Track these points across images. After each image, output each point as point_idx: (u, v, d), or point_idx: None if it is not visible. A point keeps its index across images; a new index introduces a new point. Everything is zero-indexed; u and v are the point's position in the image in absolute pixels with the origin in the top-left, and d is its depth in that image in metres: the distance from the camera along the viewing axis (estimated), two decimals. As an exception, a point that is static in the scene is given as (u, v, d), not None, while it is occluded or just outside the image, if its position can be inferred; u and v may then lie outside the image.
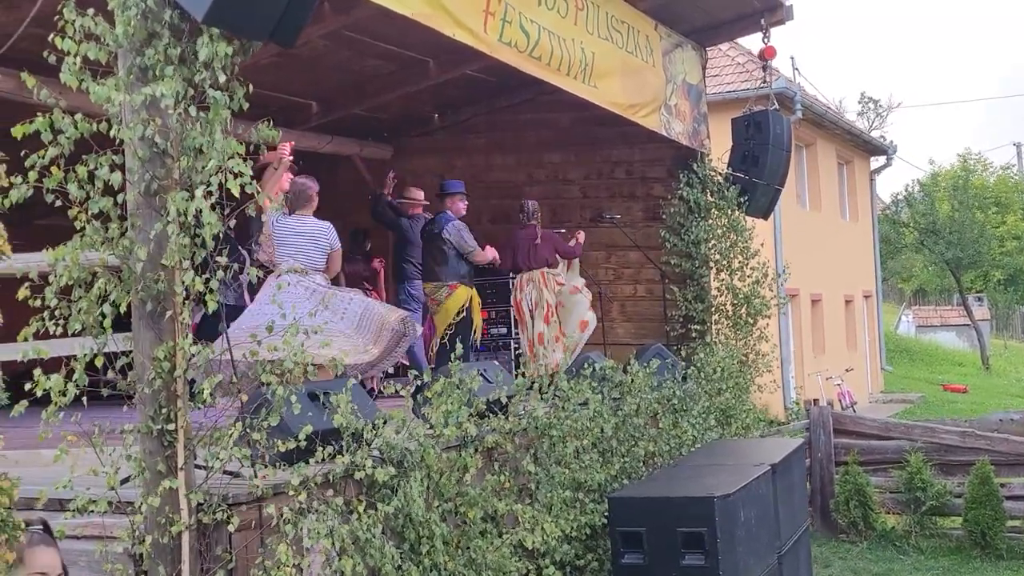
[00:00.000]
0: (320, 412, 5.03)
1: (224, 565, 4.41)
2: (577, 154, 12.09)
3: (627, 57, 9.17)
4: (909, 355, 32.80)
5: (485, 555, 5.76)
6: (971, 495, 10.39)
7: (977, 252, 33.54)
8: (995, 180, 44.32)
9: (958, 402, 24.39)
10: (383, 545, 4.99)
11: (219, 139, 4.26)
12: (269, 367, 4.59)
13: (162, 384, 4.34)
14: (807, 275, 19.81)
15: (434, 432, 5.79)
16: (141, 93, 4.25)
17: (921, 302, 47.37)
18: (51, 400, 4.23)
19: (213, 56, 4.23)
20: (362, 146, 12.40)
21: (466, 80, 11.21)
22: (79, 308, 4.32)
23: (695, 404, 9.33)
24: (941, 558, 10.38)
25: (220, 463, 4.44)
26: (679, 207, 11.10)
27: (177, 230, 4.28)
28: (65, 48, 4.24)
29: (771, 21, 11.02)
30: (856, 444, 11.37)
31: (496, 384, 6.67)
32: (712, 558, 6.27)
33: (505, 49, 7.24)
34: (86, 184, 4.28)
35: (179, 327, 4.38)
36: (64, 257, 4.28)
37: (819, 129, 21.57)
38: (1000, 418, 11.60)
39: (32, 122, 4.20)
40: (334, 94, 11.15)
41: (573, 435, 7.14)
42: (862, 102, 45.27)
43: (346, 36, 9.44)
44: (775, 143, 10.94)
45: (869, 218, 26.65)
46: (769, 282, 11.10)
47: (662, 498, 6.70)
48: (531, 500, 6.61)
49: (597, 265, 11.79)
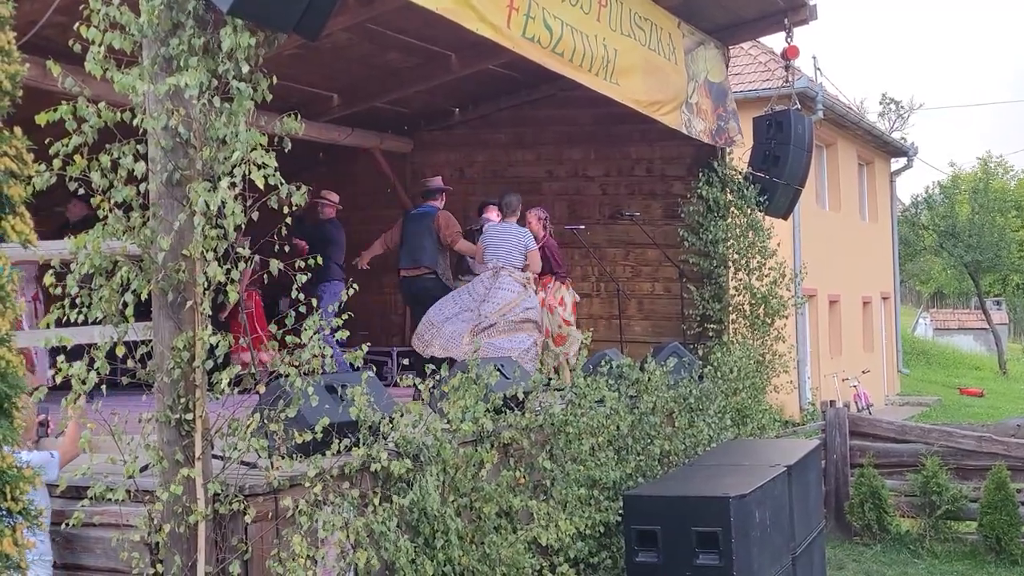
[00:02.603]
0: (337, 404, 5.03)
1: (240, 555, 4.43)
2: (597, 151, 12.08)
3: (649, 54, 9.14)
4: (926, 358, 32.66)
5: (499, 551, 5.76)
6: (987, 500, 10.33)
7: (996, 256, 33.40)
8: (1016, 184, 44.11)
9: (974, 406, 24.27)
10: (398, 539, 5.00)
11: (243, 130, 4.27)
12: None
13: (181, 374, 4.36)
14: (825, 276, 19.74)
15: (451, 427, 5.79)
16: (165, 83, 4.27)
17: (939, 305, 47.20)
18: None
19: (236, 47, 4.24)
20: (382, 139, 12.41)
21: (487, 75, 11.20)
22: (100, 296, 4.35)
23: (711, 403, 9.31)
24: (955, 562, 10.32)
25: (238, 453, 4.45)
26: (698, 206, 11.07)
27: (200, 220, 4.29)
28: (90, 37, 4.27)
29: (795, 20, 10.95)
30: (872, 446, 11.31)
31: (513, 380, 6.67)
32: (726, 558, 6.25)
33: (528, 45, 7.23)
34: (109, 173, 4.30)
35: (199, 317, 4.40)
36: (86, 245, 4.30)
37: (840, 129, 21.48)
38: (1018, 423, 11.50)
39: (56, 110, 4.22)
40: (355, 86, 11.16)
41: (589, 432, 7.14)
42: (883, 103, 44.93)
43: (369, 29, 9.44)
44: (796, 143, 10.89)
45: (888, 220, 26.53)
46: (787, 282, 11.06)
47: (677, 497, 6.68)
48: (546, 497, 6.61)
49: (615, 262, 11.80)
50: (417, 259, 9.69)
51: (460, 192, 12.34)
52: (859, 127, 22.39)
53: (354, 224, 12.67)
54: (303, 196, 4.36)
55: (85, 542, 4.72)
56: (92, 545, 4.69)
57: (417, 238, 9.70)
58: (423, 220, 9.78)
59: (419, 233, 9.72)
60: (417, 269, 9.71)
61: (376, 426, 5.12)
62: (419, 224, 9.78)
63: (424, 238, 9.67)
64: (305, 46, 8.68)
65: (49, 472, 4.48)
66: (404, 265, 9.78)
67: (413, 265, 9.71)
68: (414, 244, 9.68)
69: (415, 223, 9.78)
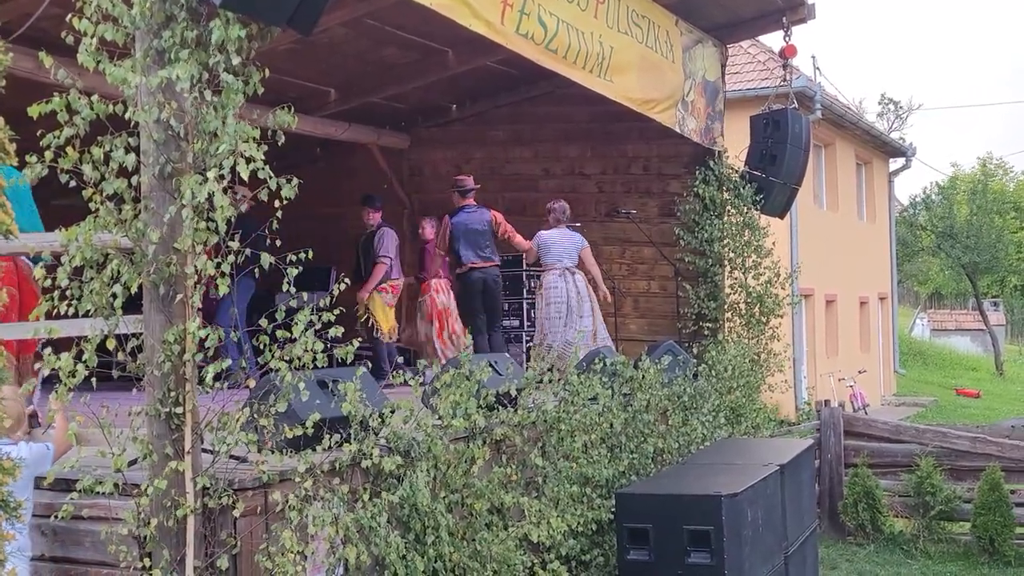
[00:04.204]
0: (328, 400, 5.02)
1: (228, 550, 4.42)
2: (594, 148, 12.08)
3: (646, 52, 9.14)
4: (923, 358, 32.67)
5: (490, 547, 5.76)
6: (980, 501, 10.33)
7: (994, 257, 33.40)
8: (1015, 185, 44.13)
9: (971, 407, 24.28)
10: (388, 534, 5.00)
11: (231, 123, 4.25)
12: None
13: (171, 367, 4.34)
14: (822, 275, 19.73)
15: (442, 423, 5.79)
16: (157, 76, 4.25)
17: (937, 305, 47.20)
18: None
19: (226, 39, 4.22)
20: (379, 135, 12.41)
21: (485, 72, 11.19)
22: (91, 289, 4.33)
23: (705, 402, 9.31)
24: (948, 563, 10.32)
25: (227, 448, 4.44)
26: (694, 204, 11.07)
27: (191, 214, 4.28)
28: (82, 29, 4.24)
29: (793, 19, 10.97)
30: (866, 446, 11.31)
31: (506, 376, 6.66)
32: (718, 556, 6.25)
33: (522, 41, 7.22)
34: (101, 165, 4.29)
35: (190, 311, 4.39)
36: (77, 237, 4.29)
37: (838, 129, 21.48)
38: (1012, 424, 11.52)
39: (48, 102, 4.20)
40: (352, 82, 11.15)
41: (582, 430, 7.14)
42: (882, 103, 44.95)
43: (366, 24, 9.44)
44: (793, 142, 10.89)
45: (886, 220, 26.53)
46: (781, 281, 11.06)
47: (669, 495, 6.68)
48: (538, 494, 6.61)
49: (612, 260, 11.79)
50: (486, 252, 10.10)
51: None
52: (857, 127, 22.39)
53: (351, 220, 12.68)
54: (293, 189, 4.35)
55: (75, 535, 4.71)
56: (81, 538, 4.68)
57: (482, 236, 10.10)
58: (482, 216, 10.18)
59: (482, 230, 10.12)
60: (489, 261, 10.11)
61: (367, 422, 5.11)
62: (476, 221, 10.13)
63: (488, 234, 10.15)
64: (302, 41, 8.66)
65: (44, 466, 4.48)
66: (471, 260, 10.05)
67: (485, 259, 10.08)
68: (480, 240, 10.09)
69: (472, 221, 10.14)
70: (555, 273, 9.84)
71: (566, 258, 9.90)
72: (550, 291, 9.83)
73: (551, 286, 9.83)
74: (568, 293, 9.78)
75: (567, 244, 9.96)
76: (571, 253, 9.94)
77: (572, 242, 9.99)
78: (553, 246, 9.94)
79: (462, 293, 10.17)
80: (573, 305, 9.77)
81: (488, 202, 11.68)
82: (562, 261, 9.88)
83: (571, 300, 9.78)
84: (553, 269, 9.87)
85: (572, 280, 9.84)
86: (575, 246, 9.99)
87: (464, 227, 10.06)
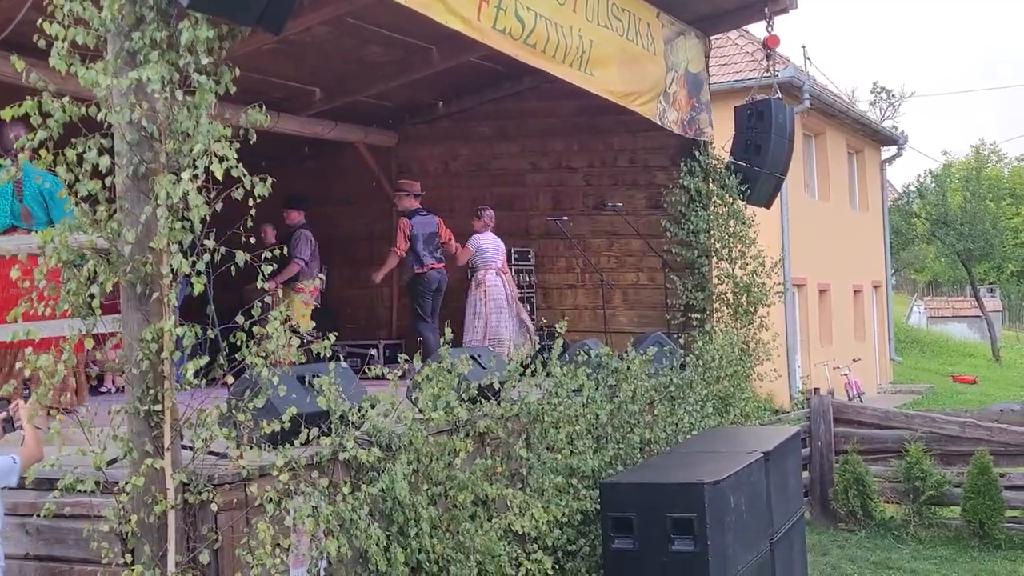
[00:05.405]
0: (306, 394, 5.07)
1: (210, 544, 4.47)
2: (580, 142, 12.12)
3: (626, 45, 9.16)
4: (920, 346, 32.70)
5: (474, 539, 5.80)
6: (970, 485, 10.40)
7: (988, 244, 33.42)
8: (1010, 171, 44.15)
9: (967, 393, 24.31)
10: (368, 527, 5.04)
11: (204, 122, 4.30)
12: None
13: (149, 365, 4.39)
14: (815, 264, 19.79)
15: (423, 416, 5.83)
16: (128, 77, 4.30)
17: (934, 293, 47.25)
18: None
19: (195, 40, 4.27)
20: (367, 133, 12.45)
21: (469, 68, 11.22)
22: (68, 289, 4.38)
23: (692, 392, 9.36)
24: (939, 547, 10.39)
25: (204, 444, 4.49)
26: (680, 196, 11.11)
27: (165, 213, 4.33)
28: (53, 33, 4.29)
29: (775, 9, 10.99)
30: (856, 433, 11.39)
31: (488, 369, 6.71)
32: (701, 543, 6.29)
33: (499, 37, 7.25)
34: (75, 167, 4.33)
35: (167, 309, 4.43)
36: (53, 239, 4.34)
37: (828, 118, 21.52)
38: (1001, 408, 11.59)
39: (20, 105, 4.25)
40: (337, 81, 11.18)
41: (566, 421, 7.18)
42: (874, 92, 45.01)
43: (348, 23, 9.47)
44: (777, 131, 10.93)
45: (879, 208, 26.58)
46: (768, 270, 11.11)
47: (652, 484, 6.73)
48: (523, 485, 6.65)
49: (599, 253, 11.84)
50: (437, 254, 10.74)
51: (445, 186, 12.41)
52: (847, 116, 22.42)
53: (341, 218, 12.75)
54: (266, 187, 4.39)
55: (58, 533, 4.76)
56: (65, 536, 4.73)
57: (434, 238, 10.73)
58: (432, 221, 10.83)
59: (434, 232, 10.74)
60: (440, 262, 10.73)
61: (347, 416, 5.16)
62: (430, 224, 10.76)
63: (437, 236, 10.80)
64: (285, 41, 8.72)
65: (10, 478, 4.43)
66: (429, 262, 10.60)
67: (438, 259, 10.70)
68: (433, 242, 10.73)
69: (427, 224, 10.75)
70: (492, 272, 10.74)
71: (498, 259, 10.84)
72: (492, 288, 10.67)
73: (493, 284, 10.69)
74: (506, 290, 10.78)
75: (497, 246, 10.90)
76: (501, 255, 10.91)
77: (500, 245, 10.96)
78: (489, 248, 10.84)
79: (420, 292, 10.59)
80: (511, 300, 10.79)
81: (476, 198, 11.81)
82: (496, 262, 10.81)
83: (509, 296, 10.78)
84: (490, 269, 10.75)
85: (503, 279, 10.83)
86: (502, 248, 10.97)
87: (422, 228, 10.62)
